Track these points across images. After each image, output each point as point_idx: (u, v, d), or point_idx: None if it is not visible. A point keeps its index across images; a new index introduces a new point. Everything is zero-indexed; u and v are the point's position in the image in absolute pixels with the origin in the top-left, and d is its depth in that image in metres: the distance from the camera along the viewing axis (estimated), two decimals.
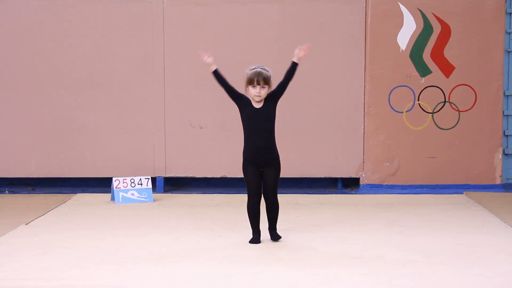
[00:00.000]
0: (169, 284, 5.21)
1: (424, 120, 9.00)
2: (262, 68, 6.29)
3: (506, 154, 9.46)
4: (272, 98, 6.29)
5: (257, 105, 6.26)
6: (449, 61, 8.91)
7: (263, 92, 6.21)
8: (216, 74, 6.36)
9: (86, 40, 8.99)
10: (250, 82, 6.23)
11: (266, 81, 6.21)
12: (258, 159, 6.28)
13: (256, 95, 6.21)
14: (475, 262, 5.79)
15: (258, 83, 6.19)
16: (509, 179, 9.50)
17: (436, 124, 9.00)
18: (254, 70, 6.28)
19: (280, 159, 6.41)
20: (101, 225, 7.18)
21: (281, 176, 8.98)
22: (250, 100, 6.29)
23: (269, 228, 6.51)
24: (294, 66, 6.30)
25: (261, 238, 6.45)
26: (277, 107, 6.33)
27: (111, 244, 6.37)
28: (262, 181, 6.36)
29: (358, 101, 9.01)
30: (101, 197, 8.64)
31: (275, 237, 6.45)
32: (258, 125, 6.25)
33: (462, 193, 8.86)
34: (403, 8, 8.85)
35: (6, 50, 9.03)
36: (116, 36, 9.00)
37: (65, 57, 9.01)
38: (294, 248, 6.21)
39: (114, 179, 8.37)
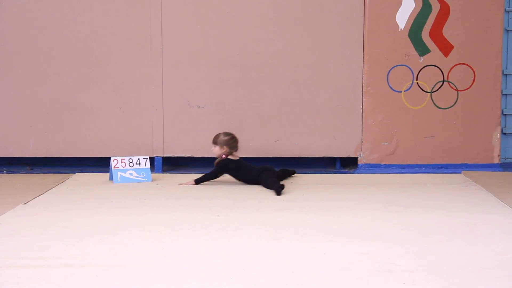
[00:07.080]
0: (167, 263, 5.22)
1: (423, 100, 8.99)
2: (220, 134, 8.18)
3: (505, 133, 9.46)
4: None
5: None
6: (448, 40, 8.88)
7: (214, 150, 8.18)
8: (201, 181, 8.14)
9: (83, 18, 8.95)
10: None
11: (214, 141, 8.17)
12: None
13: None
14: (473, 240, 5.80)
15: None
16: (507, 158, 9.50)
17: (434, 104, 8.99)
18: None
19: (279, 138, 6.44)
20: (100, 205, 7.18)
21: (279, 156, 9.09)
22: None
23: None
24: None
25: (259, 220, 6.48)
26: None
27: (110, 224, 6.37)
28: None
29: (357, 80, 8.99)
30: (99, 177, 8.63)
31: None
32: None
33: (460, 173, 8.87)
34: None
35: (3, 29, 8.99)
36: (113, 14, 8.96)
37: (62, 35, 8.97)
38: (291, 228, 6.21)
39: (112, 158, 8.36)
